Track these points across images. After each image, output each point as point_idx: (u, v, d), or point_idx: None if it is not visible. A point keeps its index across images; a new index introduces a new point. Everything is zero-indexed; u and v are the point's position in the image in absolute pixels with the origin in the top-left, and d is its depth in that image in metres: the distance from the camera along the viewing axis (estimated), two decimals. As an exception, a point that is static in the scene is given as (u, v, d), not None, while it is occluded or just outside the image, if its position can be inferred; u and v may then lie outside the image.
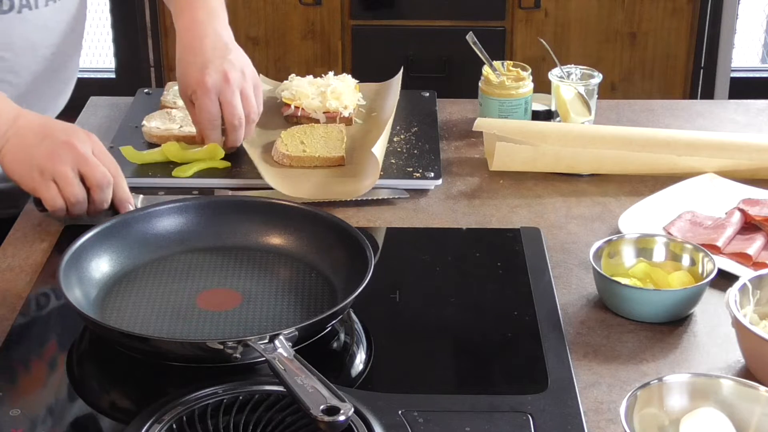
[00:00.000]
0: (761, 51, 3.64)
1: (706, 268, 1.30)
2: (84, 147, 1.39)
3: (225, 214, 1.38)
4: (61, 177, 1.37)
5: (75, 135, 1.40)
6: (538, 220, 1.51)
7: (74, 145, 1.38)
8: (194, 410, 1.07)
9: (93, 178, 1.38)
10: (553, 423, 1.09)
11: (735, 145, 1.62)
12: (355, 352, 1.24)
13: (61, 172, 1.37)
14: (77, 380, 1.17)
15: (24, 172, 1.39)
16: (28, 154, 1.38)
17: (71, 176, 1.37)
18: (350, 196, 1.53)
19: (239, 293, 1.28)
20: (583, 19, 3.18)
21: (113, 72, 3.48)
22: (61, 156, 1.37)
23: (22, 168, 1.39)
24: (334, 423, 1.00)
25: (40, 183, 1.38)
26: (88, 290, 1.26)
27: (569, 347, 1.22)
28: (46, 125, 1.42)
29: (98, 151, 1.41)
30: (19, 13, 1.57)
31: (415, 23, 3.17)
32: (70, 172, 1.37)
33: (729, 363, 1.21)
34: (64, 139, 1.39)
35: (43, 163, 1.37)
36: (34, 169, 1.38)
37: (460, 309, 1.30)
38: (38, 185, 1.38)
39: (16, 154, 1.39)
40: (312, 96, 1.73)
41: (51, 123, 1.44)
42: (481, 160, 1.67)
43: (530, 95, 1.73)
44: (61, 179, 1.37)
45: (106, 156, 1.41)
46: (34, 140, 1.39)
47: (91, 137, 1.42)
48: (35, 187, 1.39)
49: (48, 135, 1.39)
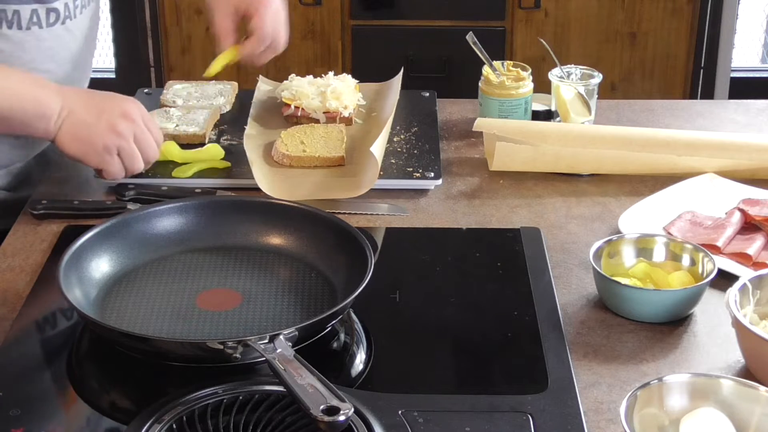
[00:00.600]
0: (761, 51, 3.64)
1: (706, 268, 1.30)
2: (137, 117, 1.46)
3: (225, 214, 1.38)
4: (125, 152, 1.46)
5: (127, 107, 1.47)
6: (538, 220, 1.51)
7: (131, 117, 1.46)
8: (194, 410, 1.07)
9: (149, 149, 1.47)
10: (553, 423, 1.09)
11: (735, 145, 1.62)
12: (355, 352, 1.24)
13: (125, 147, 1.45)
14: (77, 380, 1.17)
15: (88, 150, 1.45)
16: (88, 133, 1.44)
17: (134, 150, 1.46)
18: (350, 195, 1.53)
19: (239, 293, 1.28)
20: (583, 19, 3.18)
21: (113, 72, 3.47)
22: (122, 131, 1.45)
23: (86, 146, 1.45)
24: (334, 423, 1.00)
25: (105, 158, 1.45)
26: (88, 290, 1.26)
27: (569, 347, 1.22)
28: (95, 100, 1.47)
29: (144, 115, 1.48)
30: (63, 24, 1.58)
31: (415, 23, 3.17)
32: (132, 146, 1.46)
33: (729, 363, 1.21)
34: (119, 112, 1.45)
35: (107, 140, 1.44)
36: (98, 146, 1.44)
37: (460, 309, 1.30)
38: (104, 160, 1.46)
39: (76, 134, 1.45)
40: (312, 96, 1.73)
41: (98, 97, 1.49)
42: (481, 160, 1.67)
43: (530, 95, 1.73)
44: (126, 154, 1.46)
45: (149, 119, 1.49)
46: (90, 118, 1.45)
47: (136, 103, 1.49)
48: (100, 162, 1.46)
49: (103, 110, 1.45)
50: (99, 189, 1.57)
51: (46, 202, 1.49)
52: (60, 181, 1.60)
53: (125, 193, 1.51)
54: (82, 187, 1.58)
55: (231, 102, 1.81)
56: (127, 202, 1.50)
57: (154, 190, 1.52)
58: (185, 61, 3.22)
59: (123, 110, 1.46)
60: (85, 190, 1.57)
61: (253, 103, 1.79)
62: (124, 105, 1.47)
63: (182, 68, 3.21)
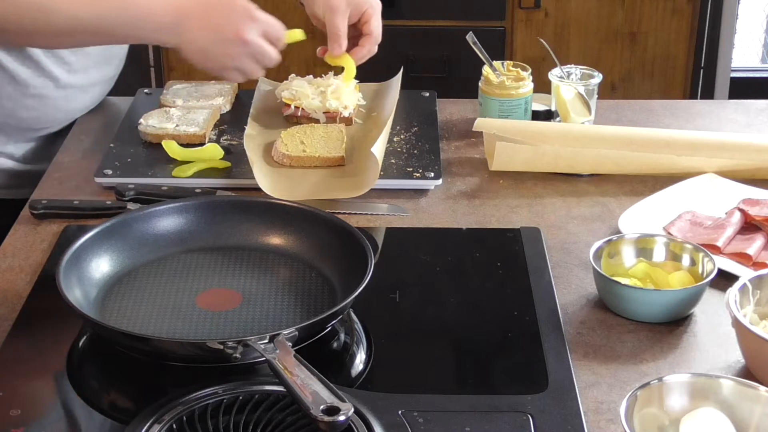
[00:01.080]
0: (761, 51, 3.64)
1: (706, 268, 1.30)
2: (252, 36, 1.51)
3: (225, 214, 1.38)
4: (242, 70, 1.54)
5: (243, 26, 1.51)
6: (538, 220, 1.51)
7: (245, 39, 1.51)
8: (194, 410, 1.07)
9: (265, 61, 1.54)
10: (553, 423, 1.09)
11: (735, 145, 1.62)
12: (355, 352, 1.24)
13: (242, 67, 1.54)
14: (77, 380, 1.17)
15: (207, 66, 1.55)
16: (205, 54, 1.53)
17: (252, 66, 1.54)
18: (350, 195, 1.53)
19: (239, 293, 1.28)
20: (583, 19, 3.18)
21: (113, 72, 3.48)
22: (238, 54, 1.52)
23: (205, 63, 1.54)
24: (334, 423, 1.00)
25: (224, 74, 1.55)
26: (88, 290, 1.26)
27: (569, 347, 1.22)
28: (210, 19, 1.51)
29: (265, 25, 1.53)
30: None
31: (415, 23, 3.17)
32: (250, 62, 1.53)
33: (729, 363, 1.21)
34: (233, 36, 1.51)
35: (223, 61, 1.53)
36: (215, 64, 1.54)
37: (460, 309, 1.30)
38: (223, 75, 1.56)
39: (194, 53, 1.53)
40: (312, 96, 1.73)
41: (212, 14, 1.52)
42: (481, 160, 1.67)
43: (530, 95, 1.73)
44: (243, 71, 1.55)
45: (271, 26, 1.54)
46: (206, 40, 1.51)
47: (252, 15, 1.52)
48: (221, 76, 1.57)
49: (217, 31, 1.51)
50: (99, 189, 1.57)
51: (46, 202, 1.49)
52: (60, 181, 1.60)
53: (125, 193, 1.51)
54: (82, 187, 1.58)
55: (231, 102, 1.81)
56: (127, 202, 1.50)
57: (154, 190, 1.52)
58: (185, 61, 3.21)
59: (238, 33, 1.50)
60: (85, 190, 1.57)
61: (253, 103, 1.78)
62: (241, 25, 1.51)
63: (182, 68, 3.21)
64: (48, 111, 1.70)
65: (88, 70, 1.72)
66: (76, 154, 1.68)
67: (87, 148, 1.70)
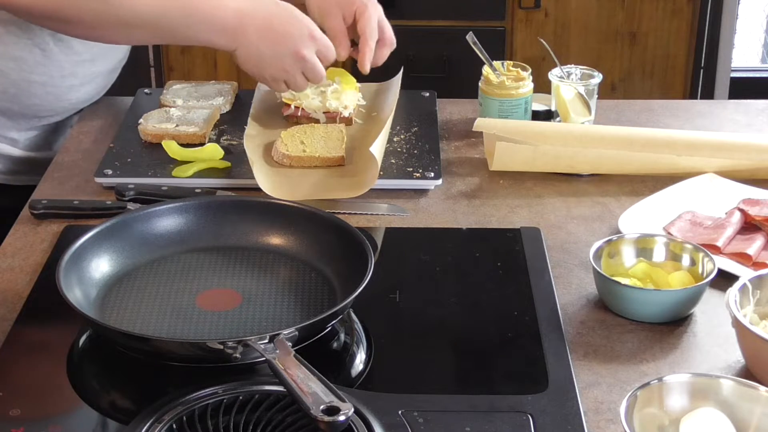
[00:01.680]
0: (761, 51, 3.64)
1: (706, 268, 1.30)
2: (309, 53, 1.54)
3: (225, 214, 1.38)
4: (293, 84, 1.58)
5: (302, 43, 1.54)
6: (538, 220, 1.51)
7: (302, 55, 1.54)
8: (194, 410, 1.07)
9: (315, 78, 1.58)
10: (553, 423, 1.09)
11: (735, 145, 1.62)
12: (355, 352, 1.24)
13: (293, 82, 1.57)
14: (77, 380, 1.17)
15: (257, 73, 1.57)
16: (260, 61, 1.55)
17: (301, 81, 1.57)
18: (350, 195, 1.52)
19: (239, 293, 1.28)
20: (583, 19, 3.18)
21: (113, 72, 3.48)
22: (293, 69, 1.55)
23: (256, 70, 1.57)
24: (334, 423, 1.00)
25: (272, 83, 1.59)
26: (88, 290, 1.26)
27: (569, 347, 1.22)
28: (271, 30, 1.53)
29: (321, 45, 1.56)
30: None
31: (415, 23, 3.17)
32: (300, 79, 1.57)
33: (729, 363, 1.21)
34: (292, 50, 1.53)
35: (276, 73, 1.56)
36: (267, 74, 1.56)
37: (460, 309, 1.30)
38: (270, 84, 1.59)
39: (249, 60, 1.55)
40: (312, 96, 1.73)
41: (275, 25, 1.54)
42: (481, 160, 1.67)
43: (530, 95, 1.73)
44: (291, 84, 1.58)
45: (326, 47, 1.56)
46: (263, 49, 1.53)
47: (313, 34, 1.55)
48: (269, 86, 1.60)
49: (277, 43, 1.53)
50: (99, 189, 1.57)
51: (46, 202, 1.49)
52: (60, 181, 1.60)
53: (125, 193, 1.51)
54: (82, 187, 1.58)
55: (231, 102, 1.81)
56: (127, 202, 1.50)
57: (154, 190, 1.52)
58: (185, 61, 3.22)
59: (296, 48, 1.53)
60: (85, 190, 1.57)
61: (253, 103, 1.78)
62: (300, 42, 1.53)
63: (182, 68, 3.21)
64: (51, 99, 1.70)
65: (95, 60, 1.72)
66: (76, 154, 1.68)
67: (87, 148, 1.70)
